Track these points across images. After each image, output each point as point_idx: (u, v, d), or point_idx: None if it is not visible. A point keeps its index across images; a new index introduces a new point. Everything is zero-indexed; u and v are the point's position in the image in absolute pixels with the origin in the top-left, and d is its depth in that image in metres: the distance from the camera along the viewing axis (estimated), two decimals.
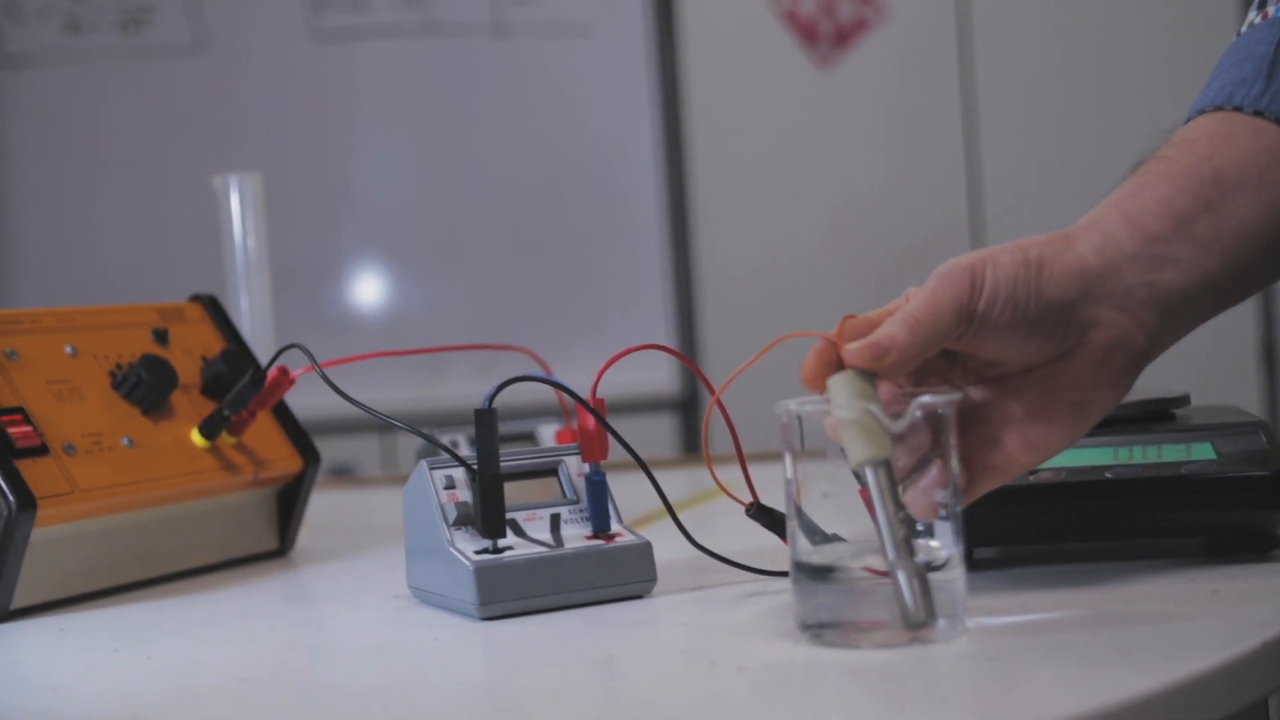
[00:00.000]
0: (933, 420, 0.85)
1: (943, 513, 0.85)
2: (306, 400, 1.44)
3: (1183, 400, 1.09)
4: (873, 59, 3.59)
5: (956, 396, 0.85)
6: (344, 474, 2.86)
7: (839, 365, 0.87)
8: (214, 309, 1.36)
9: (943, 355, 0.94)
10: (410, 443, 3.46)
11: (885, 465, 0.83)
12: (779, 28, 3.60)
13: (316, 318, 3.55)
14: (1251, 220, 0.95)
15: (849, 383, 0.84)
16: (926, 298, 0.90)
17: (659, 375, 3.56)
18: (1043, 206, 3.50)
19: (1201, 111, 1.00)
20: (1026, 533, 1.03)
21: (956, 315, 0.90)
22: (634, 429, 1.04)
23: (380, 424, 3.45)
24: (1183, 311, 0.94)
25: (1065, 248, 0.93)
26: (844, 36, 3.58)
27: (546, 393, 1.15)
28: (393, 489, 1.87)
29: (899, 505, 0.83)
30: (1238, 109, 0.98)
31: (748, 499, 1.03)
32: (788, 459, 0.86)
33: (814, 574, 0.86)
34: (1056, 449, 0.92)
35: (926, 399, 0.84)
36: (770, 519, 1.03)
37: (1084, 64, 3.51)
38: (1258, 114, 0.98)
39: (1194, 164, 0.96)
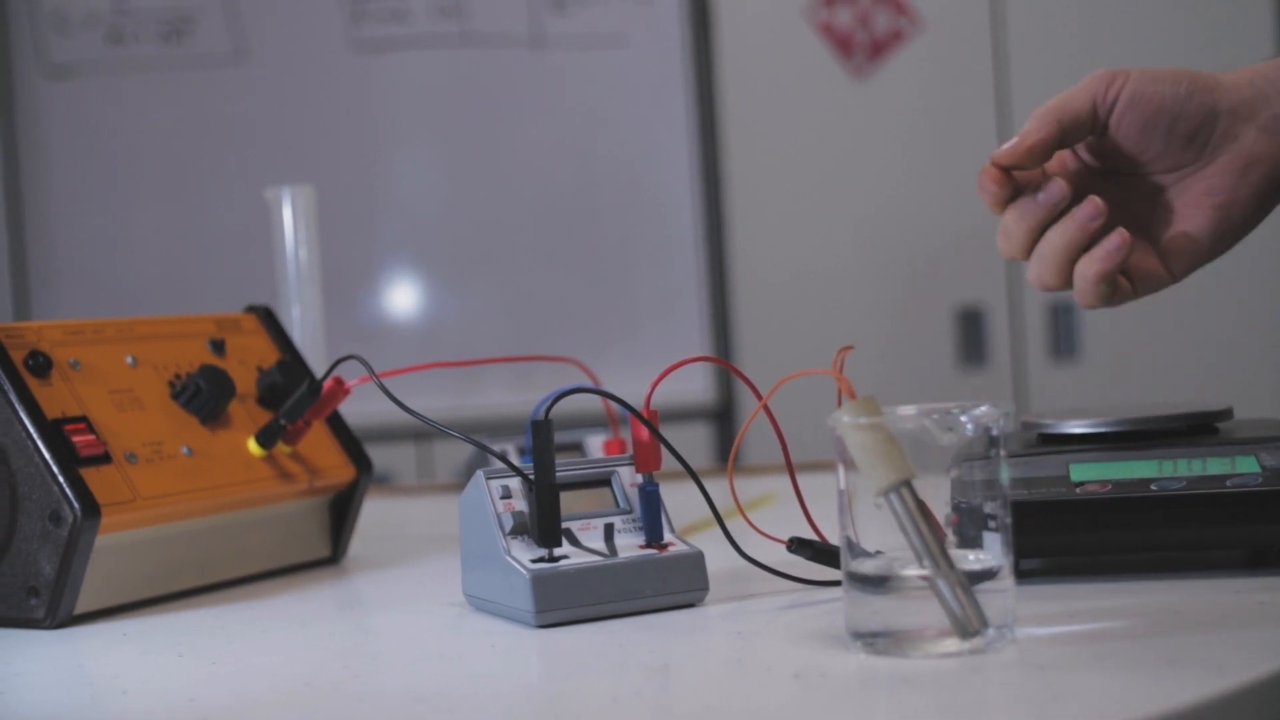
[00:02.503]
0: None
1: (992, 524, 0.87)
2: (344, 408, 1.46)
3: (1226, 414, 1.10)
4: (908, 70, 3.60)
5: (1007, 411, 0.87)
6: (381, 483, 2.88)
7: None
8: (269, 320, 1.38)
9: (1099, 175, 1.08)
10: (448, 452, 3.48)
11: (907, 485, 0.85)
12: (814, 39, 3.62)
13: (352, 325, 3.57)
14: None
15: (859, 409, 0.86)
16: (1062, 94, 1.05)
17: (695, 385, 3.57)
18: None
19: None
20: (1073, 545, 1.04)
21: (1090, 103, 1.04)
22: (670, 438, 1.05)
23: (417, 433, 3.48)
24: None
25: (1220, 77, 1.04)
26: (879, 47, 3.59)
27: (593, 403, 1.17)
28: (431, 498, 1.89)
29: (928, 520, 0.85)
30: None
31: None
32: (840, 470, 0.88)
33: (866, 583, 0.87)
34: (1206, 252, 1.06)
35: (977, 412, 0.86)
36: (812, 551, 1.04)
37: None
38: None
39: None
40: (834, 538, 0.98)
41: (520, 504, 1.03)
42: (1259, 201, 1.05)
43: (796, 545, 1.04)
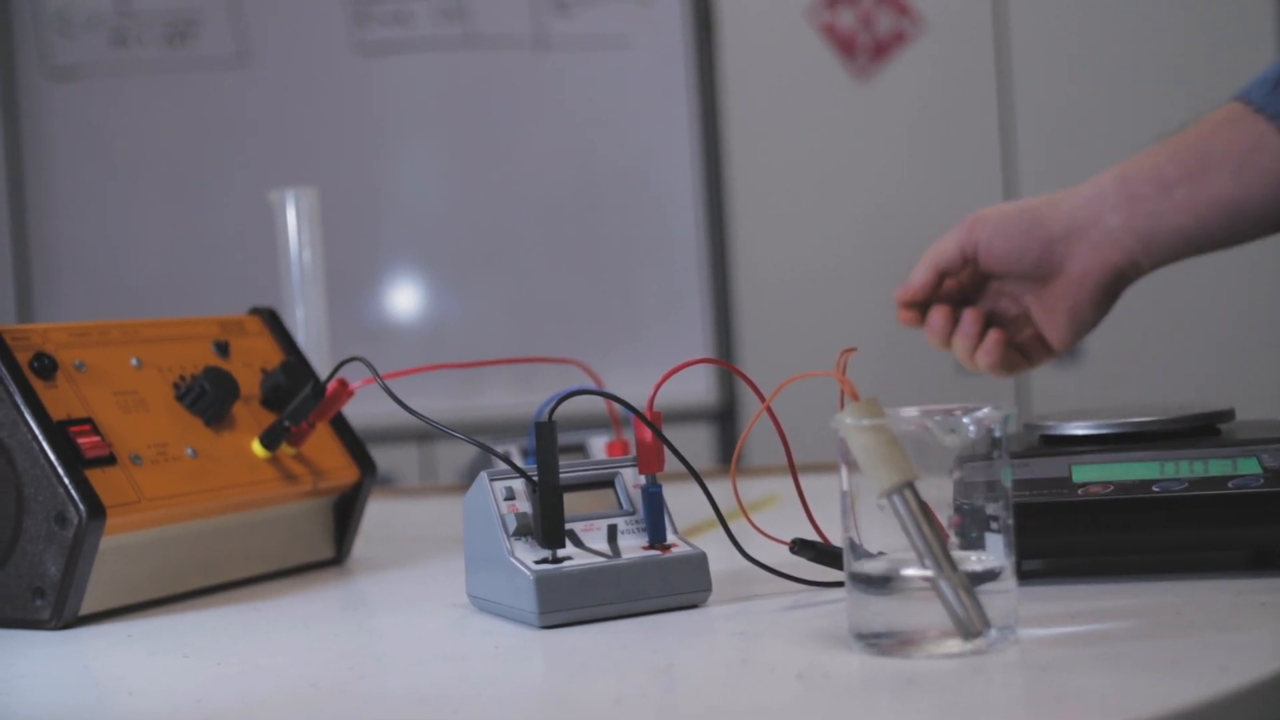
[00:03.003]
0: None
1: (995, 525, 0.87)
2: (347, 409, 1.46)
3: (1228, 415, 1.11)
4: (910, 71, 3.60)
5: (1009, 413, 0.88)
6: (384, 484, 2.89)
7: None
8: (273, 321, 1.38)
9: (985, 285, 1.36)
10: (451, 453, 3.49)
11: (910, 487, 0.85)
12: (817, 40, 3.62)
13: (355, 327, 3.58)
14: (1224, 194, 1.25)
15: (861, 411, 0.86)
16: (937, 243, 1.34)
17: (698, 386, 3.58)
18: None
19: (1233, 98, 1.26)
20: (1075, 546, 1.05)
21: (958, 249, 1.33)
22: (672, 439, 1.06)
23: (420, 434, 3.48)
24: (1156, 250, 1.28)
25: (1061, 201, 1.31)
26: (882, 49, 3.60)
27: (596, 405, 1.17)
28: (434, 499, 1.89)
29: (931, 521, 0.85)
30: (1248, 103, 1.25)
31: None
32: (843, 471, 0.88)
33: (869, 584, 0.88)
34: (1068, 342, 1.33)
35: (979, 414, 0.86)
36: (815, 552, 1.05)
37: (1122, 75, 3.52)
38: (1260, 111, 1.24)
39: (1193, 141, 1.27)
40: (837, 539, 0.98)
41: (524, 505, 1.04)
42: (1098, 303, 1.32)
43: (799, 546, 1.04)
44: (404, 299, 3.70)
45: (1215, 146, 1.26)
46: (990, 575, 0.86)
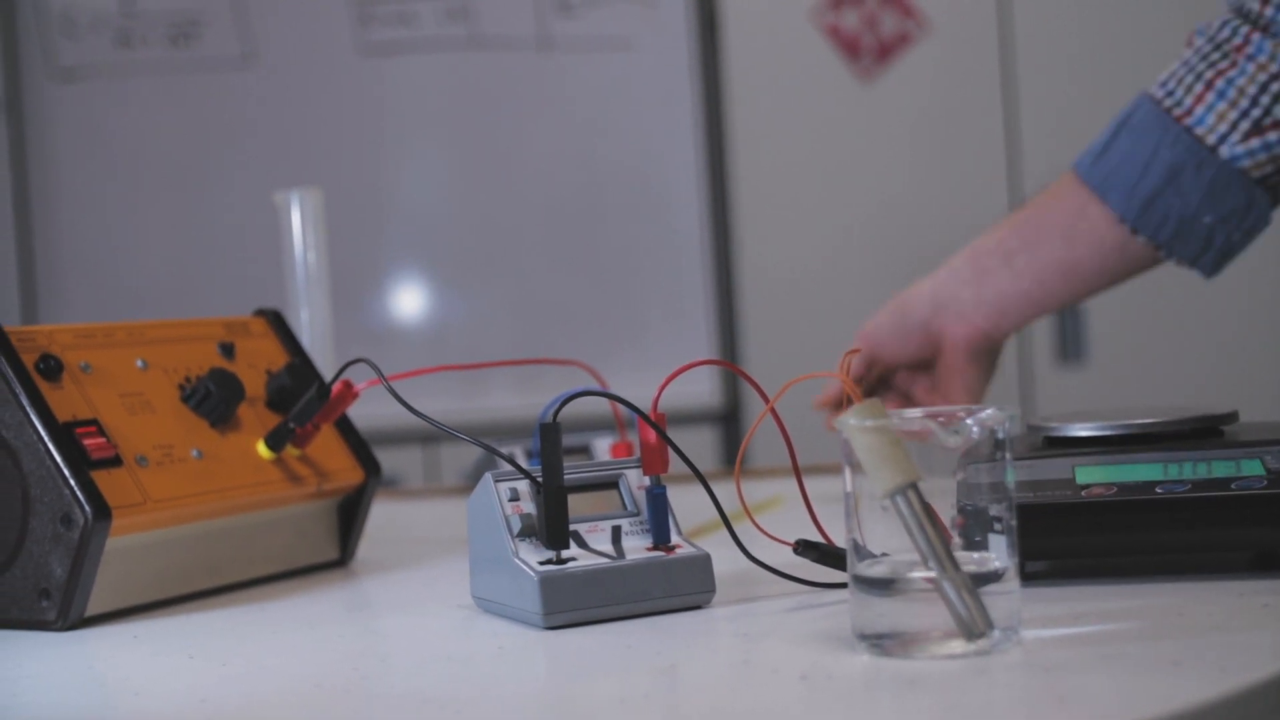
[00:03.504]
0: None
1: (998, 526, 0.88)
2: (351, 411, 1.46)
3: (1232, 417, 1.11)
4: (915, 73, 3.61)
5: (1012, 414, 0.88)
6: (388, 485, 2.89)
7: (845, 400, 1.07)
8: (278, 323, 1.39)
9: (892, 375, 1.58)
10: (455, 454, 3.49)
11: (913, 488, 0.85)
12: (821, 41, 3.62)
13: (359, 328, 3.58)
14: (1057, 259, 1.44)
15: (863, 412, 0.86)
16: (841, 361, 1.47)
17: (702, 388, 3.58)
18: None
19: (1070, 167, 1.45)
20: (1078, 547, 1.05)
21: (861, 364, 1.55)
22: (677, 440, 1.06)
23: (424, 435, 3.48)
24: (1008, 314, 1.47)
25: (923, 285, 1.52)
26: (886, 50, 3.60)
27: (600, 406, 1.17)
28: (438, 500, 1.89)
29: (934, 522, 0.86)
30: (1076, 173, 1.43)
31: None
32: (846, 472, 0.88)
33: (872, 586, 0.88)
34: (976, 396, 1.52)
35: (982, 415, 0.86)
36: (818, 553, 1.05)
37: (1127, 76, 3.52)
38: (1083, 181, 1.42)
39: (1030, 213, 1.47)
40: (840, 540, 0.98)
41: (528, 506, 1.04)
42: (978, 367, 1.51)
43: (803, 547, 1.05)
44: (408, 300, 3.71)
45: (1047, 217, 1.45)
46: (993, 576, 0.87)
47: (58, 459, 1.10)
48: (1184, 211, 1.38)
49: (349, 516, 1.36)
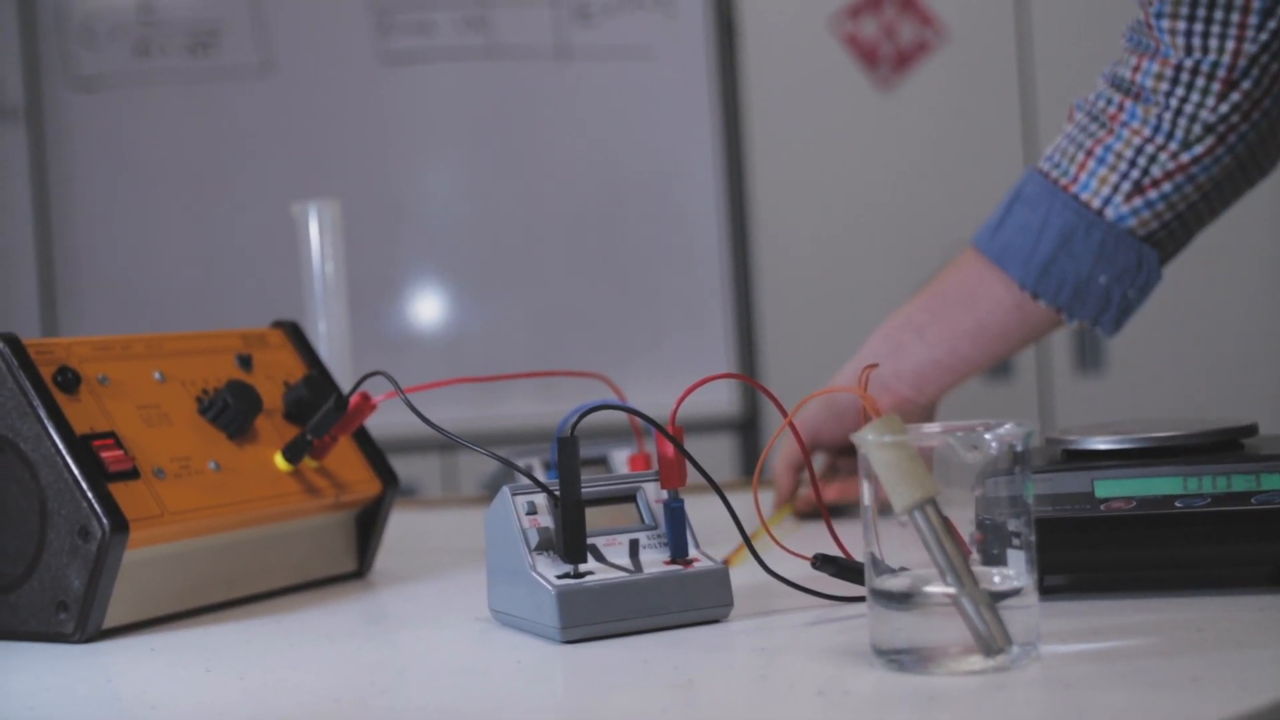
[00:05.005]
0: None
1: (1016, 541, 0.87)
2: (369, 420, 1.46)
3: (1251, 430, 1.10)
4: (933, 81, 3.60)
5: (1031, 429, 0.88)
6: (406, 495, 2.89)
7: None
8: (295, 334, 1.39)
9: (836, 456, 1.57)
10: (473, 464, 3.49)
11: (931, 504, 0.85)
12: (839, 50, 3.62)
13: (377, 337, 3.59)
14: (963, 325, 1.49)
15: (883, 428, 0.86)
16: (781, 451, 1.55)
17: (719, 397, 3.58)
18: None
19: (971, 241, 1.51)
20: (1097, 561, 1.04)
21: (797, 448, 1.35)
22: (694, 450, 1.06)
23: (442, 444, 3.48)
24: (925, 383, 1.51)
25: (844, 369, 1.53)
26: (905, 59, 3.60)
27: (618, 417, 1.17)
28: (455, 510, 1.89)
29: (952, 538, 0.85)
30: (975, 245, 1.49)
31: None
32: (865, 486, 0.88)
33: (891, 600, 0.87)
34: None
35: (1001, 430, 0.86)
36: (836, 568, 1.05)
37: None
38: (981, 252, 1.48)
39: (936, 287, 1.53)
40: (858, 553, 0.98)
41: (546, 520, 1.04)
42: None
43: (821, 562, 1.04)
44: (425, 308, 3.71)
45: (951, 289, 1.51)
46: (1012, 591, 0.86)
47: (75, 472, 1.10)
48: (1079, 274, 1.44)
49: (367, 528, 1.36)
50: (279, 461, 1.26)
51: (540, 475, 1.42)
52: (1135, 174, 1.41)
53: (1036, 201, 1.46)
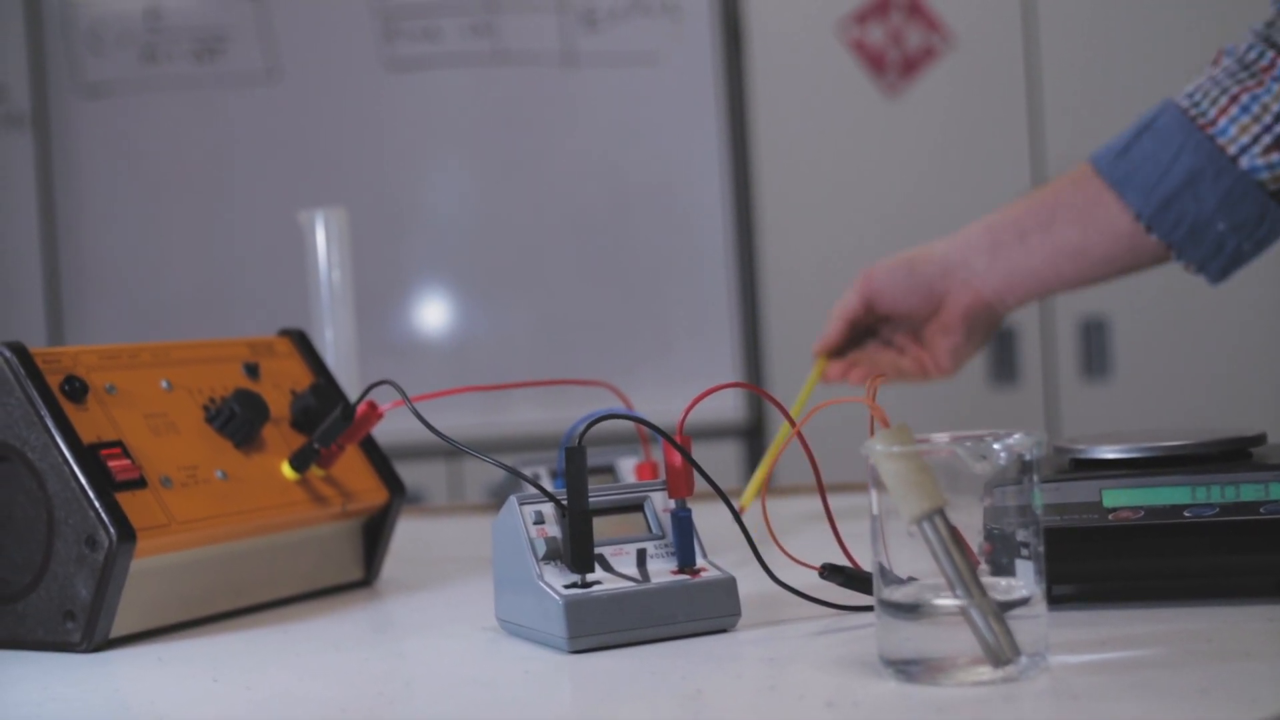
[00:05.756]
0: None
1: (1025, 552, 0.87)
2: (374, 428, 1.46)
3: (1260, 439, 1.10)
4: (940, 87, 3.60)
5: (1040, 439, 0.87)
6: (412, 502, 2.88)
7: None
8: (302, 343, 1.39)
9: (882, 324, 1.63)
10: (479, 470, 3.49)
11: (940, 514, 0.85)
12: (846, 56, 3.62)
13: (383, 343, 3.59)
14: (1069, 242, 1.48)
15: (892, 438, 0.86)
16: (842, 300, 1.63)
17: (726, 404, 3.58)
18: None
19: (1088, 159, 1.49)
20: (1105, 571, 1.04)
21: (860, 300, 1.61)
22: (700, 457, 1.06)
23: (448, 451, 3.48)
24: (1015, 288, 1.53)
25: (937, 246, 1.58)
26: (912, 65, 3.60)
27: (625, 425, 1.17)
28: (462, 518, 1.89)
29: (961, 548, 0.85)
30: (1094, 166, 1.47)
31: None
32: (873, 496, 0.88)
33: (899, 611, 0.87)
34: (949, 369, 1.60)
35: (1010, 440, 0.86)
36: (844, 577, 1.05)
37: (1153, 91, 3.51)
38: (1101, 175, 1.46)
39: (1047, 195, 1.51)
40: (866, 562, 0.98)
41: (553, 529, 1.04)
42: (972, 333, 1.57)
43: (829, 572, 1.04)
44: (431, 315, 3.71)
45: (1064, 202, 1.49)
46: (1020, 601, 0.86)
47: (82, 481, 1.10)
48: (1199, 215, 1.41)
49: (374, 537, 1.36)
50: (286, 470, 1.26)
51: (547, 484, 1.41)
52: (1279, 129, 1.38)
53: (1169, 136, 1.43)
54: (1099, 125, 3.53)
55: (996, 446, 0.86)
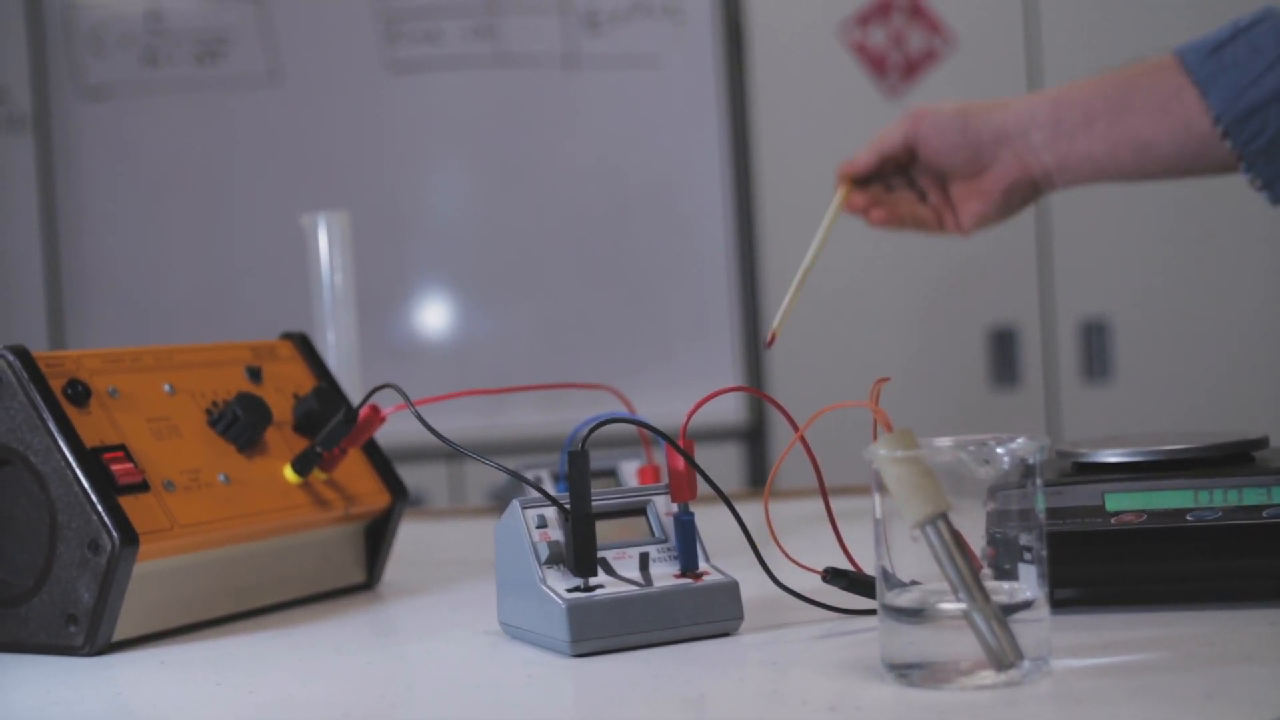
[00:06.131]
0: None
1: (1028, 556, 0.87)
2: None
3: (1262, 443, 1.10)
4: (942, 90, 3.60)
5: (1044, 443, 0.87)
6: (413, 504, 2.88)
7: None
8: (305, 346, 1.39)
9: (913, 167, 1.59)
10: (480, 472, 3.49)
11: (943, 518, 0.85)
12: (848, 58, 3.62)
13: (384, 345, 3.58)
14: (1138, 133, 1.43)
15: (895, 442, 0.86)
16: (883, 130, 1.58)
17: (727, 406, 3.57)
18: (1111, 235, 3.50)
19: (1171, 52, 1.44)
20: (1108, 575, 1.04)
21: (902, 137, 1.56)
22: (701, 460, 1.06)
23: (449, 453, 3.48)
24: (1069, 170, 1.48)
25: (995, 109, 1.52)
26: (913, 67, 3.60)
27: (627, 429, 1.17)
28: (463, 521, 1.89)
29: (964, 552, 0.85)
30: (1180, 60, 1.42)
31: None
32: (876, 500, 0.88)
33: (902, 615, 0.87)
34: (969, 230, 1.56)
35: (1013, 445, 0.86)
36: (847, 581, 1.05)
37: None
38: (1187, 70, 1.41)
39: (1122, 81, 1.46)
40: (869, 566, 0.98)
41: (556, 533, 1.04)
42: (1007, 203, 1.53)
43: (832, 575, 1.04)
44: (433, 317, 3.71)
45: (1139, 89, 1.44)
46: (1023, 605, 0.86)
47: (85, 485, 1.10)
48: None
49: (376, 540, 1.36)
50: (288, 474, 1.26)
51: (549, 487, 1.41)
52: None
53: (1265, 45, 1.38)
54: None
55: (1000, 450, 0.86)
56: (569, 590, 1.01)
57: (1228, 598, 1.04)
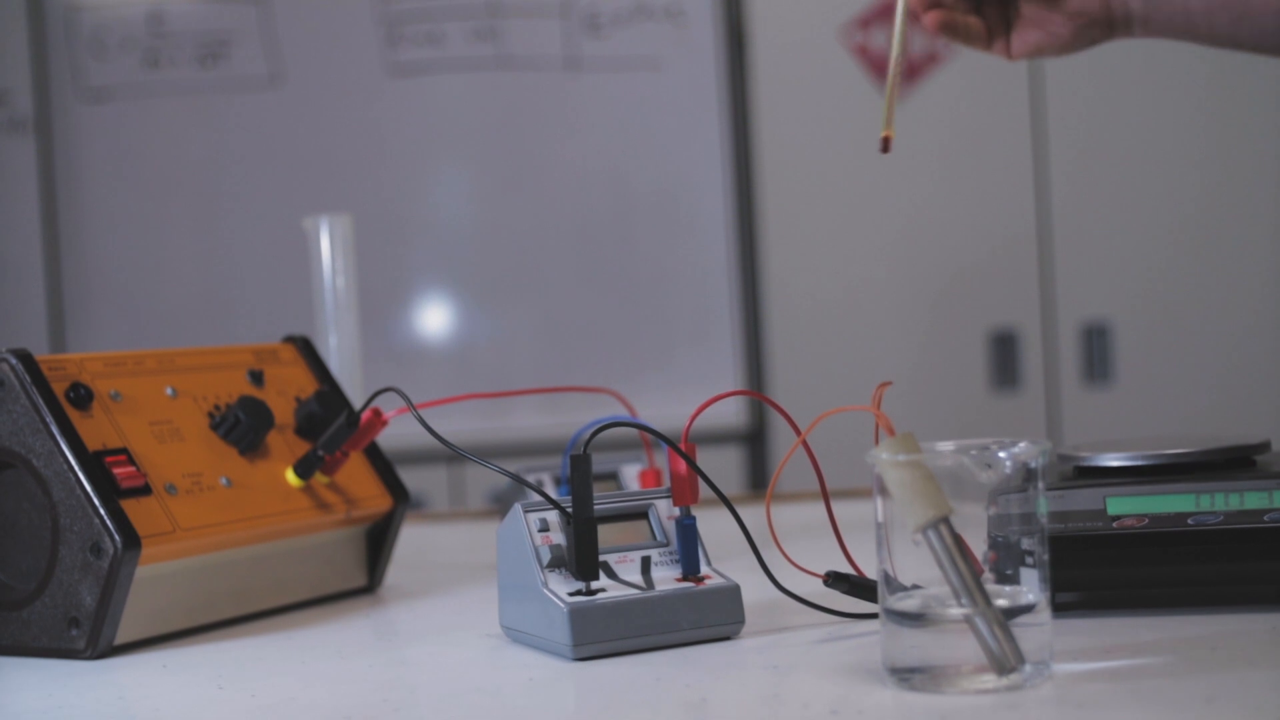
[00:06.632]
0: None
1: (1030, 560, 0.87)
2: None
3: (1264, 446, 1.10)
4: (943, 93, 3.60)
5: (1046, 447, 0.87)
6: (414, 507, 2.88)
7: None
8: (307, 350, 1.39)
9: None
10: (481, 475, 3.49)
11: (945, 522, 0.85)
12: (849, 61, 3.62)
13: (386, 348, 3.59)
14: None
15: (897, 446, 0.86)
16: None
17: (728, 409, 3.57)
18: (1112, 238, 3.50)
19: None
20: (1109, 579, 1.04)
21: None
22: (703, 463, 1.06)
23: (449, 456, 3.48)
24: (1156, 16, 1.39)
25: None
26: (915, 70, 3.60)
27: (628, 432, 1.17)
28: (464, 524, 1.89)
29: (966, 556, 0.85)
30: None
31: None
32: (878, 504, 0.88)
33: (903, 619, 0.87)
34: (1023, 56, 1.46)
35: (1016, 449, 0.86)
36: (849, 585, 1.05)
37: (1156, 96, 3.51)
38: None
39: None
40: (870, 570, 0.98)
41: (558, 537, 1.04)
42: (1075, 37, 1.44)
43: (834, 579, 1.04)
44: (434, 320, 3.71)
45: None
46: (1025, 609, 0.86)
47: (88, 488, 1.10)
48: None
49: (377, 543, 1.36)
50: (290, 477, 1.26)
51: (551, 490, 1.41)
52: None
53: None
54: (1103, 132, 3.54)
55: (1001, 455, 0.86)
56: (571, 594, 1.01)
57: (1229, 602, 1.04)
